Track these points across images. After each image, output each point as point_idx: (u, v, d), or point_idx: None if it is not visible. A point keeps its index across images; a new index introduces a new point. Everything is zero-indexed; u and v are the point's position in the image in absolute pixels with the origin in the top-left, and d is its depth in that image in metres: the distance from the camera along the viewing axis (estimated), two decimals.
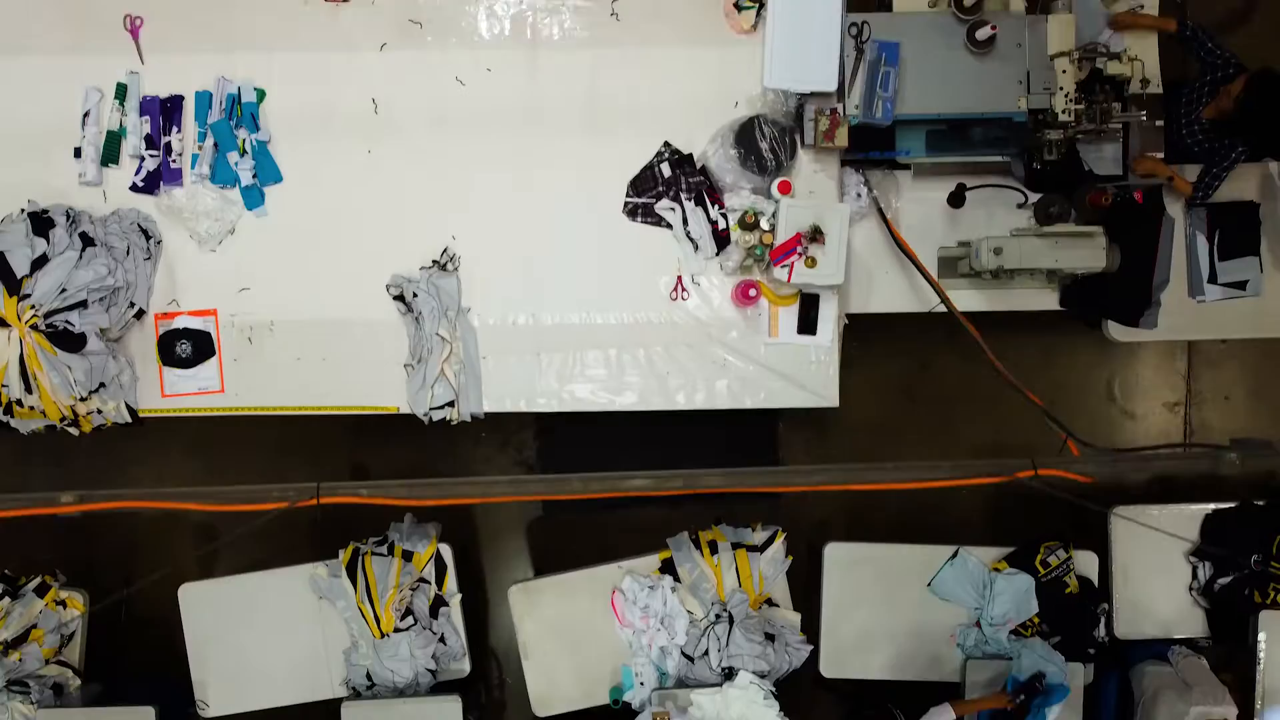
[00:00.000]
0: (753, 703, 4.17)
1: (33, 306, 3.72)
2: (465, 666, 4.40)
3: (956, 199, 3.99)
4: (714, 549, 4.35)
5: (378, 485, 3.20)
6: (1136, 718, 4.34)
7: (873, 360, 4.99)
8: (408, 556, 4.31)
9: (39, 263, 3.75)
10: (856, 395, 5.00)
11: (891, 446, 5.05)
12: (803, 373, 4.05)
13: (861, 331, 4.76)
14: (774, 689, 4.20)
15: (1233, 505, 4.47)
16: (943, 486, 3.15)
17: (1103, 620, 4.39)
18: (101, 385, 3.91)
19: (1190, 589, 4.46)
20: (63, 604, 4.43)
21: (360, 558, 4.29)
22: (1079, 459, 3.23)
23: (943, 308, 4.05)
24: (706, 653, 4.24)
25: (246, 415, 4.81)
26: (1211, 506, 4.47)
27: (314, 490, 2.88)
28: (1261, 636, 4.33)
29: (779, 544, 4.38)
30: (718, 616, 4.24)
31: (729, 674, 4.23)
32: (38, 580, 4.42)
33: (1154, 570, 4.45)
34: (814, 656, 4.42)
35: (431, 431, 4.97)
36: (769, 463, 5.06)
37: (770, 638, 4.27)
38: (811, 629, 4.43)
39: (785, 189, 3.89)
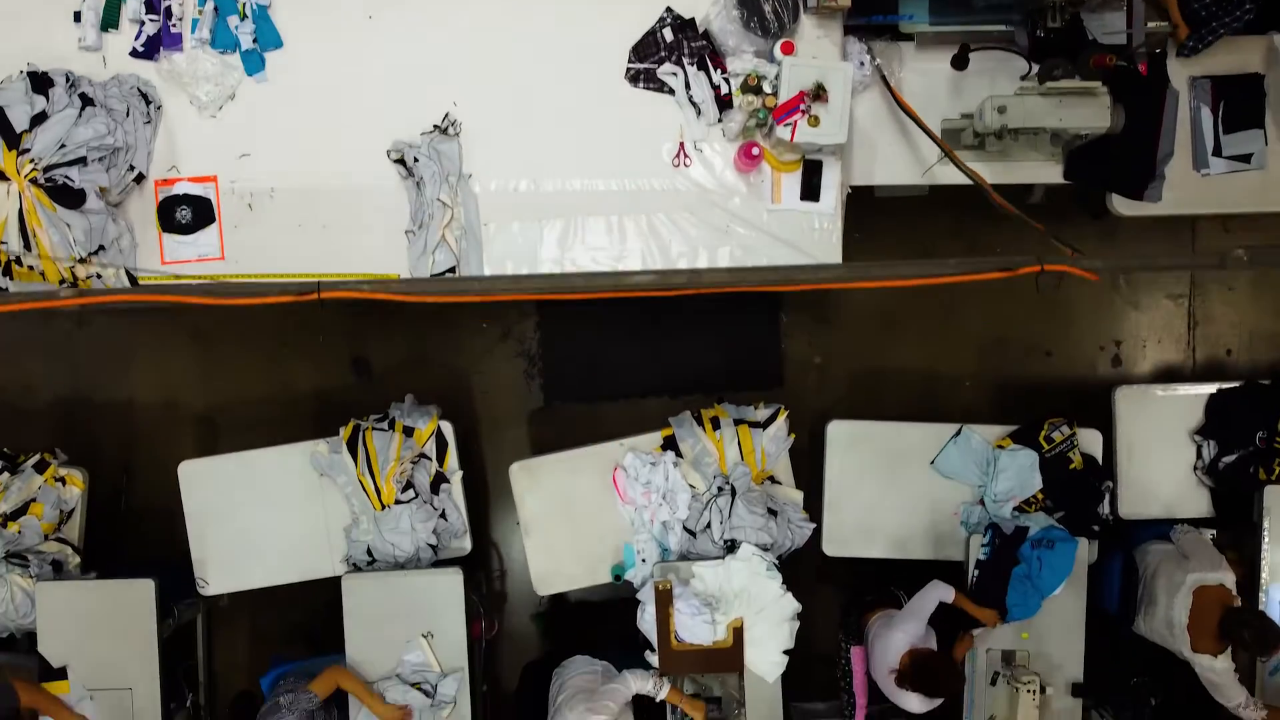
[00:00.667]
0: (755, 574, 4.15)
1: (32, 160, 3.70)
2: (466, 544, 4.37)
3: (960, 60, 3.97)
4: (716, 425, 4.33)
5: (379, 282, 3.19)
6: (1139, 594, 4.31)
7: (875, 248, 4.98)
8: (409, 432, 4.29)
9: (38, 119, 3.73)
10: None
11: (894, 336, 5.02)
12: (806, 240, 4.02)
13: (864, 219, 4.76)
14: (777, 561, 4.18)
15: (1237, 385, 4.45)
16: (950, 282, 3.10)
17: (1107, 497, 4.37)
18: (101, 248, 3.88)
19: (1195, 468, 4.44)
20: (62, 481, 4.41)
21: (361, 433, 4.27)
22: (1084, 257, 3.21)
23: (942, 178, 4.04)
24: (708, 526, 4.22)
25: (247, 312, 4.80)
26: (1216, 386, 4.45)
27: (315, 286, 2.84)
28: (1266, 512, 4.30)
29: (781, 421, 4.36)
30: (720, 489, 4.22)
31: (731, 547, 4.22)
32: (37, 457, 4.40)
33: (1158, 450, 4.44)
34: (816, 535, 4.39)
35: (432, 323, 4.99)
36: (773, 354, 5.04)
37: (773, 513, 4.25)
38: (814, 510, 4.42)
39: (788, 49, 3.86)
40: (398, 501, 4.20)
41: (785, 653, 4.21)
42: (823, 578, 4.92)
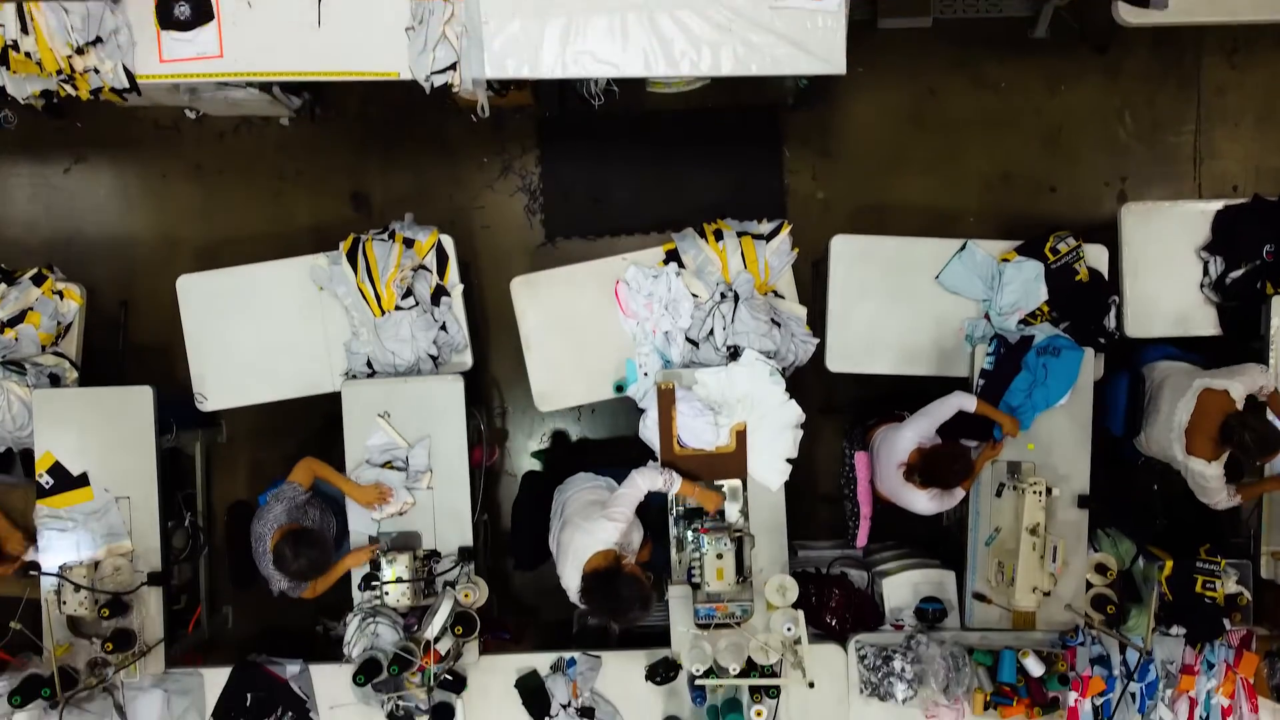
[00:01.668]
0: (758, 379, 4.11)
1: None
2: (467, 359, 4.33)
3: None
4: (719, 237, 4.29)
5: None
6: (1145, 406, 4.27)
7: (880, 87, 4.96)
8: (409, 244, 4.25)
9: None
10: (863, 122, 5.00)
11: (898, 172, 4.98)
12: (809, 38, 3.97)
13: (868, 56, 4.73)
14: (780, 369, 4.14)
15: (1244, 201, 4.41)
16: None
17: (1113, 310, 4.33)
18: (99, 40, 3.85)
19: (1201, 285, 4.40)
20: (60, 295, 4.37)
21: (360, 244, 4.24)
22: None
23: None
24: (711, 333, 4.18)
25: (247, 146, 4.79)
26: (1223, 203, 4.41)
27: None
28: (1274, 325, 4.27)
29: (785, 235, 4.32)
30: (723, 295, 4.18)
31: (734, 354, 4.17)
32: (34, 271, 4.36)
33: (1164, 267, 4.39)
34: (820, 351, 4.35)
35: (432, 157, 4.95)
36: (776, 188, 5.00)
37: (776, 324, 4.21)
38: (818, 329, 4.37)
39: None
40: (398, 308, 4.16)
41: (789, 461, 4.15)
42: (826, 412, 4.87)
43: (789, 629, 3.89)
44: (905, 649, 4.15)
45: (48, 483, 4.16)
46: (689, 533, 4.11)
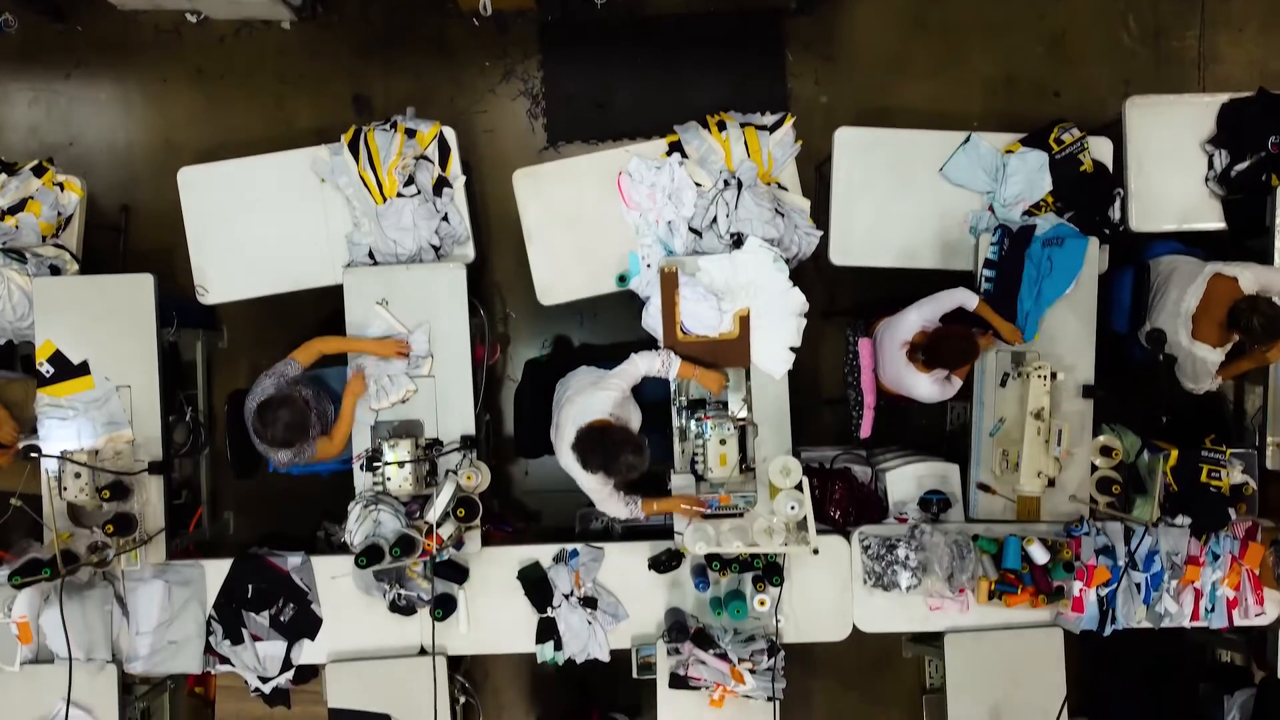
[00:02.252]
0: (762, 266, 4.09)
1: None
2: (469, 251, 4.31)
3: None
4: (722, 128, 4.27)
5: None
6: (1151, 296, 4.25)
7: None
8: (410, 134, 4.23)
9: None
10: (866, 26, 4.98)
11: (901, 76, 4.96)
12: None
13: None
14: (784, 257, 4.13)
15: (1249, 95, 4.39)
16: None
17: (1117, 201, 4.31)
18: None
19: (1206, 179, 4.38)
20: (60, 186, 4.34)
21: (362, 134, 4.22)
22: None
23: None
24: (714, 221, 4.16)
25: (248, 49, 4.74)
26: (1228, 96, 4.38)
27: None
28: (1279, 217, 4.25)
29: (788, 127, 4.30)
30: (726, 183, 4.16)
31: (737, 242, 4.15)
32: (35, 162, 4.34)
33: (1169, 161, 4.37)
34: (823, 248, 4.34)
35: (434, 60, 4.93)
36: (779, 93, 4.98)
37: (779, 214, 4.20)
38: (821, 225, 4.35)
39: None
40: (399, 195, 4.14)
41: (792, 350, 4.14)
42: (828, 316, 4.85)
43: (793, 508, 3.87)
44: (909, 538, 4.13)
45: (48, 371, 4.14)
46: (692, 422, 4.10)
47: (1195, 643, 4.97)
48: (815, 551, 3.78)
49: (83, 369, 4.13)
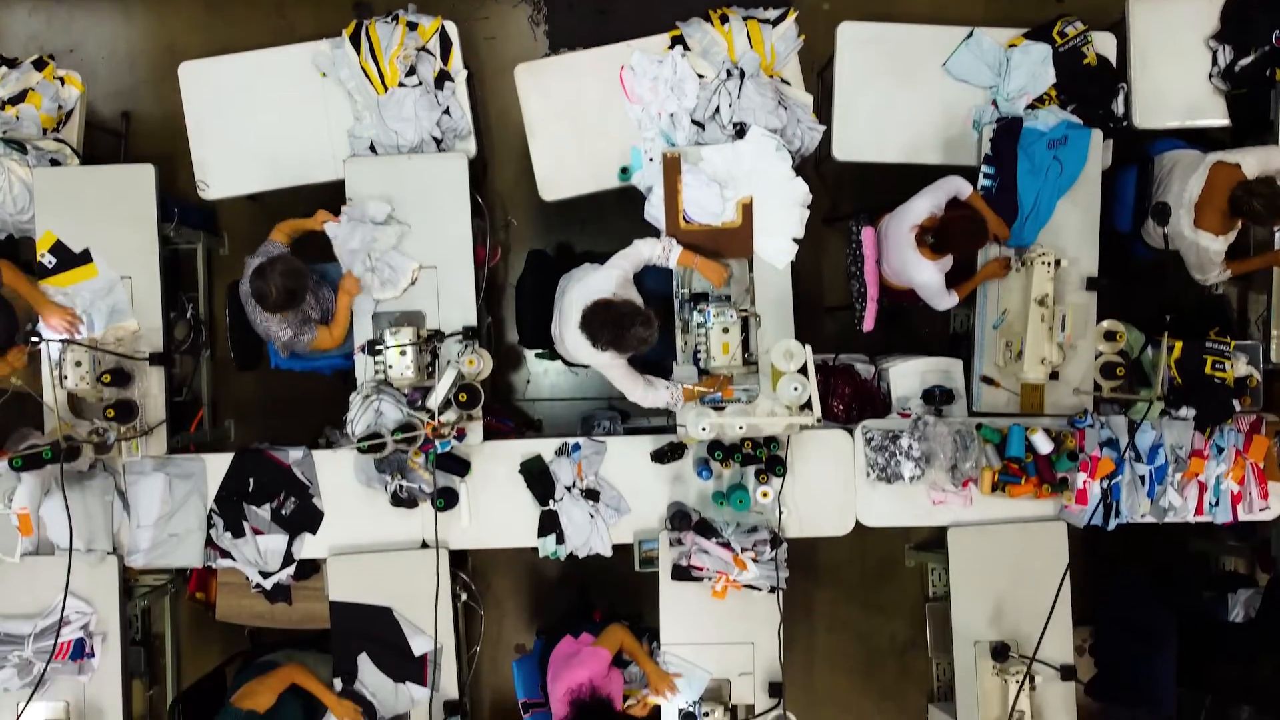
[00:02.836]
0: (764, 154, 4.08)
1: None
2: (471, 146, 4.28)
3: None
4: (724, 21, 4.25)
5: None
6: (1154, 189, 4.24)
7: None
8: (412, 27, 4.22)
9: None
10: None
11: None
12: None
13: None
14: (787, 146, 4.11)
15: None
16: None
17: (1121, 95, 4.29)
18: None
19: (1210, 75, 4.36)
20: (61, 81, 4.32)
21: (364, 26, 4.20)
22: None
23: None
24: (717, 111, 4.15)
25: None
26: None
27: None
28: None
29: (790, 21, 4.29)
30: (729, 73, 4.15)
31: (740, 133, 4.14)
32: (36, 56, 4.32)
33: (1173, 57, 4.35)
34: (825, 144, 4.32)
35: None
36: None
37: (783, 107, 4.18)
38: (824, 119, 4.33)
39: None
40: (401, 85, 4.13)
41: (795, 240, 4.12)
42: (830, 222, 4.84)
43: (796, 389, 3.85)
44: (913, 429, 4.12)
45: (50, 262, 4.13)
46: (694, 314, 4.08)
47: (1199, 551, 4.97)
48: (819, 420, 3.76)
49: (84, 257, 4.12)
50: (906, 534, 4.98)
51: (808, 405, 3.86)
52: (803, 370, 3.89)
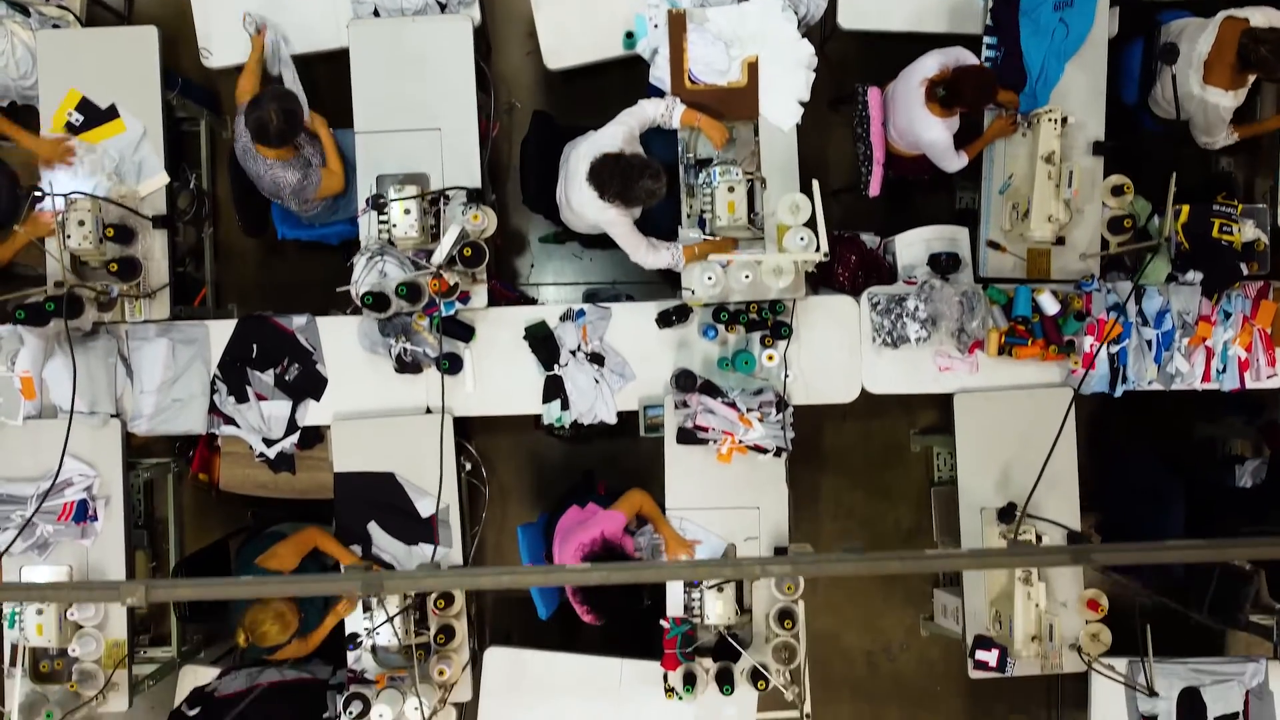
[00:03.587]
0: (770, 15, 4.06)
1: None
2: (475, 12, 4.25)
3: None
4: None
5: None
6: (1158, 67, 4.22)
7: None
8: None
9: None
10: None
11: None
12: None
13: None
14: (793, 8, 4.10)
15: None
16: None
17: None
18: None
19: None
20: None
21: None
22: None
23: None
24: None
25: None
26: None
27: None
28: None
29: None
30: None
31: None
32: None
33: None
34: (831, 10, 4.30)
35: None
36: None
37: None
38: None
39: None
40: None
41: (800, 103, 4.11)
42: (834, 106, 4.82)
43: (802, 240, 3.84)
44: (919, 291, 4.10)
45: (78, 120, 4.12)
46: (700, 176, 4.07)
47: (1205, 435, 4.95)
48: (826, 256, 3.74)
49: (111, 113, 4.11)
50: (911, 419, 4.97)
51: (812, 223, 3.81)
52: (810, 223, 3.87)
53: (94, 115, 4.11)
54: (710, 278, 3.89)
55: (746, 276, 3.90)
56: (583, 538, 3.72)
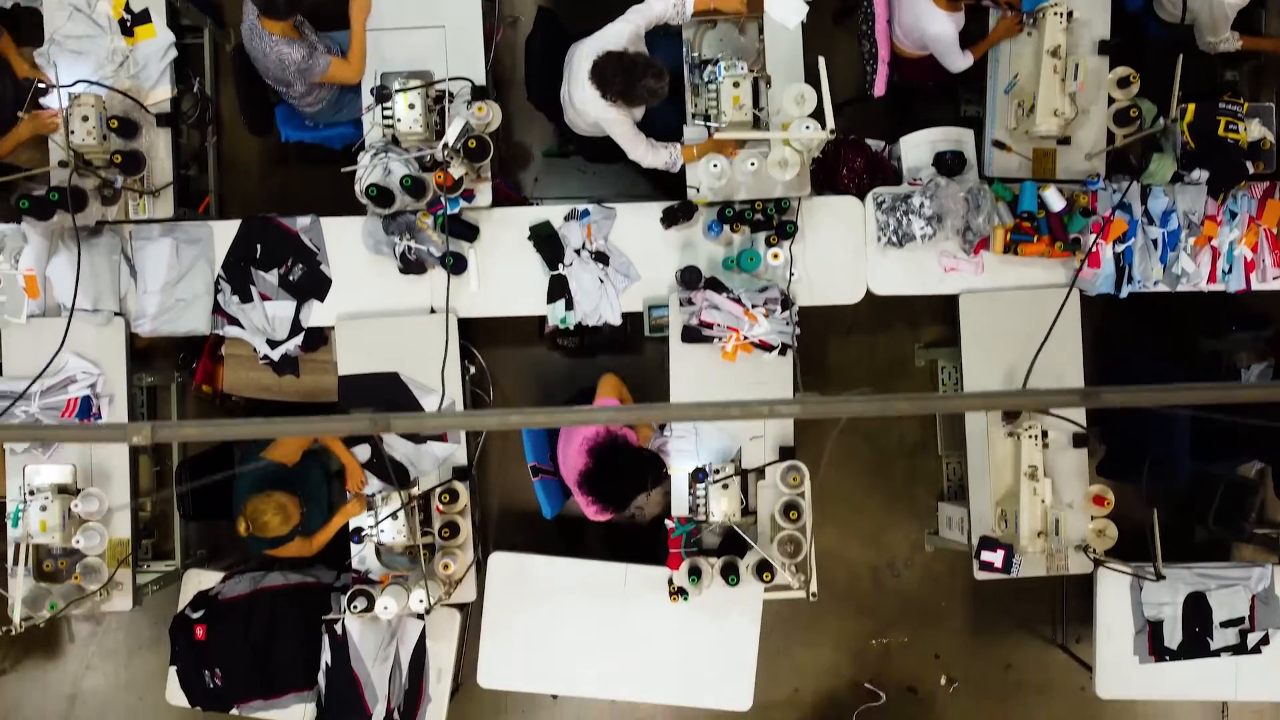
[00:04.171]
0: None
1: None
2: None
3: None
4: None
5: None
6: None
7: None
8: None
9: None
10: None
11: None
12: None
13: None
14: None
15: None
16: None
17: None
18: None
19: None
20: None
21: None
22: None
23: None
24: None
25: None
26: None
27: None
28: None
29: None
30: None
31: None
32: None
33: None
34: None
35: None
36: None
37: None
38: None
39: None
40: None
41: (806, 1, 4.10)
42: (839, 19, 4.81)
43: (807, 127, 3.82)
44: (924, 189, 4.09)
45: (128, 18, 4.13)
46: (704, 75, 4.06)
47: (1210, 350, 4.94)
48: (834, 133, 3.73)
49: (144, 17, 4.11)
50: (916, 334, 4.96)
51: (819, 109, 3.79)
52: (817, 112, 3.84)
53: (136, 17, 4.12)
54: (715, 165, 3.88)
55: (752, 165, 3.89)
56: (585, 433, 3.73)
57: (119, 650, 4.90)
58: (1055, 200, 4.04)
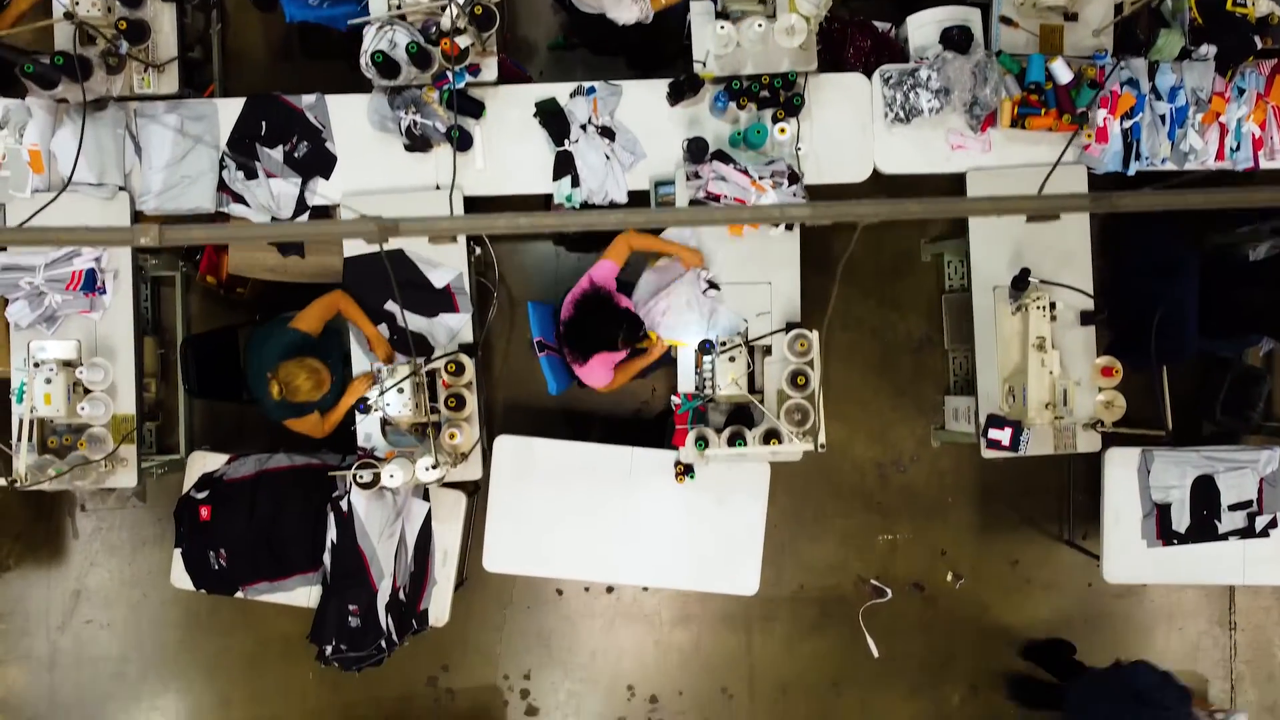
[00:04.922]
0: None
1: None
2: None
3: None
4: None
5: None
6: None
7: None
8: None
9: None
10: None
11: None
12: None
13: None
14: None
15: None
16: None
17: None
18: None
19: None
20: None
21: None
22: None
23: None
24: None
25: None
26: None
27: None
28: None
29: None
30: None
31: None
32: None
33: None
34: None
35: None
36: None
37: None
38: None
39: None
40: None
41: None
42: None
43: None
44: (931, 62, 4.08)
45: None
46: None
47: (1219, 244, 4.91)
48: None
49: None
50: (922, 228, 4.94)
51: None
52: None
53: None
54: (722, 27, 3.86)
55: (759, 26, 3.87)
56: (574, 292, 3.74)
57: (123, 546, 4.88)
58: (1063, 72, 4.02)
